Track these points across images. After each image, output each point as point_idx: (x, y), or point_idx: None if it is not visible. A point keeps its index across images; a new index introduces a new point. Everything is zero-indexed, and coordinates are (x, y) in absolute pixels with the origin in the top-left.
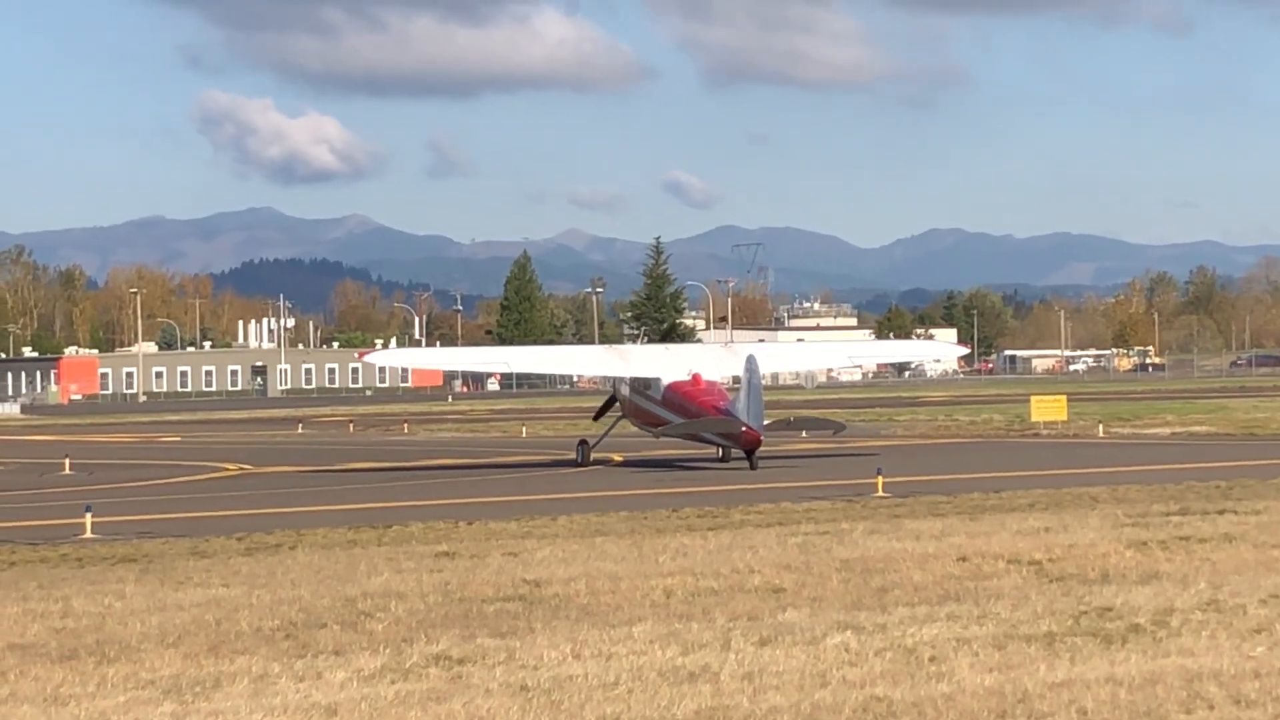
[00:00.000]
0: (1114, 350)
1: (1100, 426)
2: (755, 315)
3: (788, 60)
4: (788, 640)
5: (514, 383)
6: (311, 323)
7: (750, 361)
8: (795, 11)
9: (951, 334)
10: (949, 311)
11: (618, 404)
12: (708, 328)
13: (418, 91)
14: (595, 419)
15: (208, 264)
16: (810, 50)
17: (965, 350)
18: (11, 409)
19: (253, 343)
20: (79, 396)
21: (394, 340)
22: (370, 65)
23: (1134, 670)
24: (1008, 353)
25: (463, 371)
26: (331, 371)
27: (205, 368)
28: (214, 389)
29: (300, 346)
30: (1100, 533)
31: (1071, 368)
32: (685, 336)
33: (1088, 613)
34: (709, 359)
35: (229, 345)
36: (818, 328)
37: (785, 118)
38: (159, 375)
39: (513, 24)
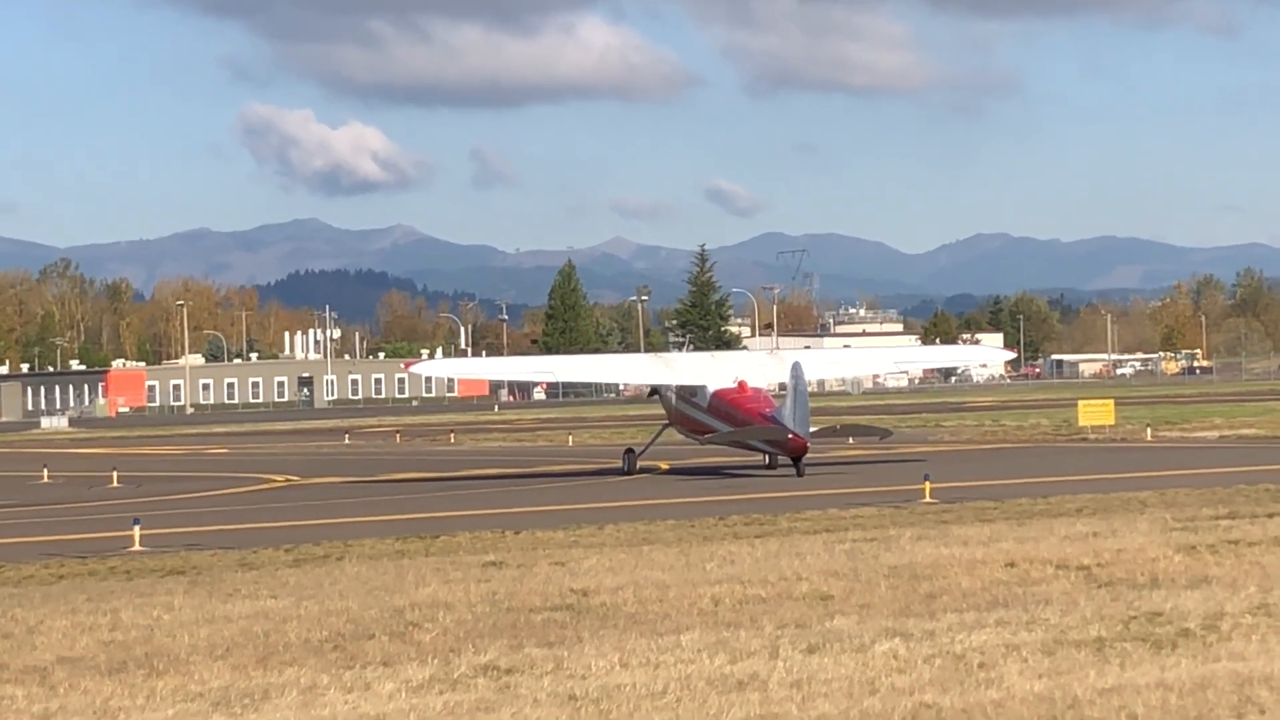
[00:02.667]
0: (1161, 354)
1: (1148, 430)
2: (801, 322)
3: (832, 67)
4: (836, 648)
5: (560, 392)
6: (357, 333)
7: (796, 368)
8: (840, 18)
9: (998, 339)
10: (995, 316)
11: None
12: (753, 335)
13: (463, 102)
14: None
15: (253, 276)
16: (855, 57)
17: (1012, 355)
18: (60, 422)
19: (299, 354)
20: (126, 409)
21: (440, 350)
22: (416, 76)
23: (1184, 675)
24: (1054, 357)
25: (509, 381)
26: (378, 382)
27: (252, 379)
28: (261, 400)
29: (346, 357)
30: (1149, 537)
31: (1119, 371)
32: (731, 344)
33: (1137, 618)
34: (755, 366)
35: (275, 357)
36: (863, 334)
37: (829, 124)
38: (206, 387)
39: (557, 33)
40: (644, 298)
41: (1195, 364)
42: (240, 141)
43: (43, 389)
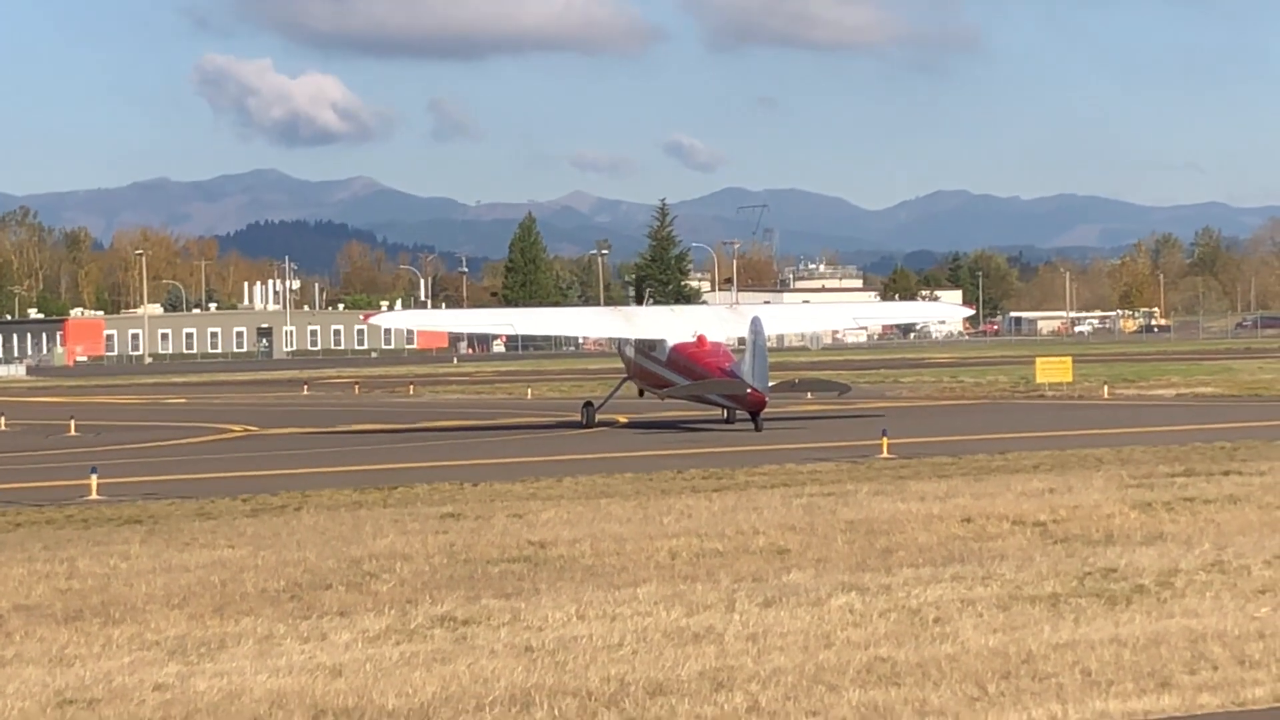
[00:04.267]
0: (1119, 312)
1: (1105, 388)
2: (760, 277)
3: (795, 21)
4: (792, 601)
5: (519, 345)
6: (317, 284)
7: (755, 323)
8: None
9: (957, 296)
10: (954, 273)
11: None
12: (713, 290)
13: (424, 53)
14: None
15: (213, 226)
16: (817, 12)
17: (970, 312)
18: (17, 370)
19: (258, 304)
20: (84, 358)
21: (399, 302)
22: (376, 26)
23: (1138, 631)
24: (1013, 314)
25: (468, 333)
26: (337, 333)
27: (211, 329)
28: (219, 351)
29: (306, 308)
30: (1105, 494)
31: (1077, 329)
32: (690, 299)
33: (1092, 574)
34: (714, 321)
35: (234, 307)
36: (823, 289)
37: (791, 79)
38: (164, 337)
39: None
40: (604, 252)
41: (1153, 322)
42: (199, 91)
43: (0, 337)
